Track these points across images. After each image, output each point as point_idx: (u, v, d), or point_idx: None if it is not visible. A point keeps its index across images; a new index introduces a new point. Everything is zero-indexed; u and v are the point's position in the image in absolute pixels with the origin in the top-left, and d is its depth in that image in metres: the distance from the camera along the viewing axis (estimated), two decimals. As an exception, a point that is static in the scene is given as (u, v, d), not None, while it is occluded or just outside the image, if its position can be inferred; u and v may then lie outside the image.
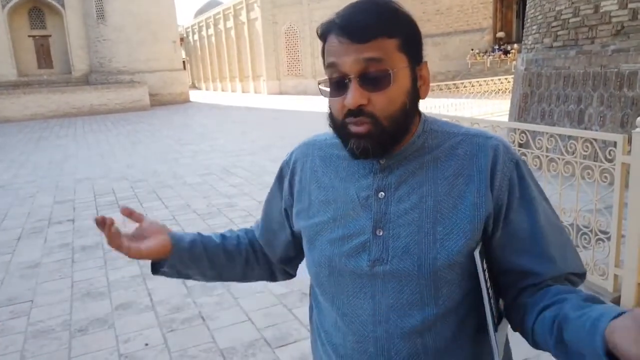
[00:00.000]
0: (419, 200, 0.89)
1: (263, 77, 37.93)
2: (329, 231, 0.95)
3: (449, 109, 12.45)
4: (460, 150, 0.91)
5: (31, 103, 24.70)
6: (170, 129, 17.21)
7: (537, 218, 0.90)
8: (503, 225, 0.89)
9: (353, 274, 0.92)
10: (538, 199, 0.91)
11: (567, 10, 7.11)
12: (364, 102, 0.84)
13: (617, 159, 3.14)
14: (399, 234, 0.88)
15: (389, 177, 0.91)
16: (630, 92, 6.00)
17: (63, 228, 5.98)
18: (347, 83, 0.84)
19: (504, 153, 0.90)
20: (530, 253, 0.89)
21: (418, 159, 0.91)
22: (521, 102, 8.25)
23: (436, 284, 0.88)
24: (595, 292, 3.42)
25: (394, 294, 0.89)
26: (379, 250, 0.89)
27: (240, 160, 10.07)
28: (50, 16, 29.71)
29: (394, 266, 0.88)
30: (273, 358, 2.94)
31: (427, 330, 0.89)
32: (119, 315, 3.61)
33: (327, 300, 0.98)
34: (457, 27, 30.02)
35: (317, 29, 0.91)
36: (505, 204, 0.89)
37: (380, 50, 0.83)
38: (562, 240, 0.92)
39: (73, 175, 9.50)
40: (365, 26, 0.83)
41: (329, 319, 0.99)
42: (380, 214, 0.90)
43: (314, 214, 0.98)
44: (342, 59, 0.84)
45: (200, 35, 52.61)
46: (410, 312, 0.89)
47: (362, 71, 0.83)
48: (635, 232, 3.09)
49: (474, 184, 0.88)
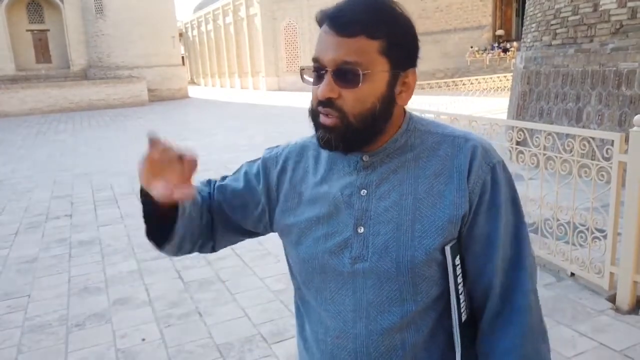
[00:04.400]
0: (399, 198, 0.90)
1: (262, 73, 37.87)
2: (314, 229, 0.95)
3: (448, 106, 12.46)
4: (441, 151, 0.92)
5: (29, 98, 24.64)
6: (169, 124, 17.19)
7: (498, 226, 0.90)
8: (469, 225, 0.91)
9: (335, 271, 0.92)
10: (505, 207, 0.91)
11: (566, 9, 7.11)
12: (334, 95, 0.85)
13: (614, 157, 3.15)
14: (379, 232, 0.90)
15: (371, 175, 0.92)
16: (629, 91, 6.00)
17: (61, 223, 5.97)
18: (323, 74, 0.86)
19: (481, 155, 0.90)
20: (482, 257, 0.92)
21: (400, 157, 0.92)
22: (520, 100, 8.25)
23: (414, 281, 0.89)
24: (591, 289, 3.44)
25: (373, 290, 0.90)
26: (360, 247, 0.90)
27: (238, 156, 10.06)
28: (48, 10, 29.58)
29: (373, 263, 0.89)
30: (269, 354, 2.95)
31: (406, 327, 0.91)
32: (116, 311, 3.61)
33: (311, 297, 0.98)
34: (457, 24, 30.00)
35: (315, 15, 0.91)
36: (475, 205, 0.90)
37: (358, 50, 0.83)
38: (513, 253, 0.92)
39: (71, 170, 9.49)
40: (350, 21, 0.83)
41: (313, 315, 1.00)
42: (362, 212, 0.91)
43: (302, 213, 0.98)
44: (324, 50, 0.86)
45: (199, 30, 52.47)
46: (390, 309, 0.90)
47: (338, 65, 0.84)
48: (631, 230, 3.10)
49: (453, 184, 0.89)
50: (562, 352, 2.76)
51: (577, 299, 3.35)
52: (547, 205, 3.71)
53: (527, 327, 0.91)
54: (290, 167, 1.02)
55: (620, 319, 3.08)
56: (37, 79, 28.11)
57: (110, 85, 26.59)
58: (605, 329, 2.98)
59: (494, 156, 0.92)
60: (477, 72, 25.13)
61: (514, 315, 0.91)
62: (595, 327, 3.00)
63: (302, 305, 1.04)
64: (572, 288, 3.50)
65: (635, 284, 3.16)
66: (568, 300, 3.33)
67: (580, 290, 3.46)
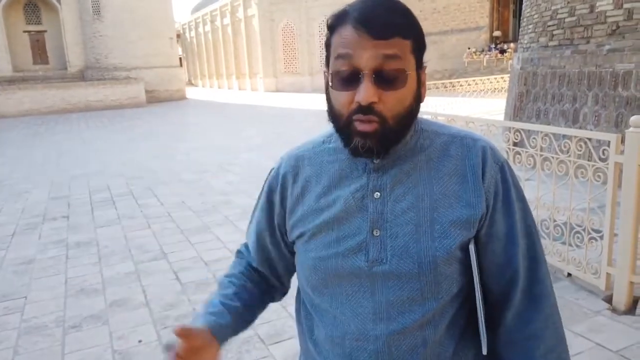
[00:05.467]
0: (415, 200, 0.90)
1: (260, 75, 37.86)
2: (324, 235, 0.94)
3: (445, 107, 12.48)
4: (452, 151, 0.93)
5: (26, 99, 24.60)
6: (166, 125, 17.18)
7: (514, 221, 0.94)
8: (488, 224, 0.92)
9: (351, 274, 0.92)
10: (517, 203, 0.94)
11: (562, 10, 7.13)
12: (376, 99, 0.82)
13: (611, 158, 3.16)
14: (397, 234, 0.89)
15: (383, 177, 0.92)
16: (625, 92, 6.02)
17: (57, 224, 5.96)
18: (360, 78, 0.83)
19: (491, 155, 0.93)
20: (503, 254, 0.94)
21: (411, 158, 0.92)
22: (517, 101, 8.27)
23: (437, 279, 0.90)
24: (588, 290, 3.45)
25: (394, 291, 0.90)
26: (377, 250, 0.90)
27: (236, 157, 10.06)
28: (45, 11, 29.54)
29: (393, 266, 0.89)
30: (267, 354, 2.95)
31: (427, 324, 0.91)
32: (113, 312, 3.61)
33: (325, 302, 0.97)
34: (454, 25, 30.06)
35: (327, 19, 0.89)
36: (491, 204, 0.92)
37: (398, 50, 0.83)
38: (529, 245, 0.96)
39: (68, 171, 9.47)
40: (386, 23, 0.82)
41: (326, 319, 0.98)
42: (377, 214, 0.91)
43: (311, 220, 0.97)
44: (359, 52, 0.82)
45: (197, 32, 52.43)
46: (411, 308, 0.90)
47: (378, 68, 0.82)
48: (627, 231, 3.11)
49: (468, 184, 0.90)
50: (559, 352, 2.77)
51: (573, 299, 3.36)
52: (544, 205, 3.72)
53: (550, 310, 0.96)
54: (290, 181, 1.01)
55: (616, 320, 3.09)
56: (35, 80, 28.06)
57: (108, 86, 26.56)
58: (602, 330, 2.98)
59: (500, 155, 0.95)
60: (474, 73, 25.18)
61: (538, 302, 0.95)
62: (592, 328, 3.01)
63: (312, 310, 1.02)
64: (568, 288, 3.51)
65: (631, 284, 3.16)
66: (565, 300, 3.34)
67: (577, 291, 3.47)
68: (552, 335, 0.95)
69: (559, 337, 0.97)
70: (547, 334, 0.95)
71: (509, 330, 0.96)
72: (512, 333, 0.96)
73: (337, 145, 0.96)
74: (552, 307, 0.96)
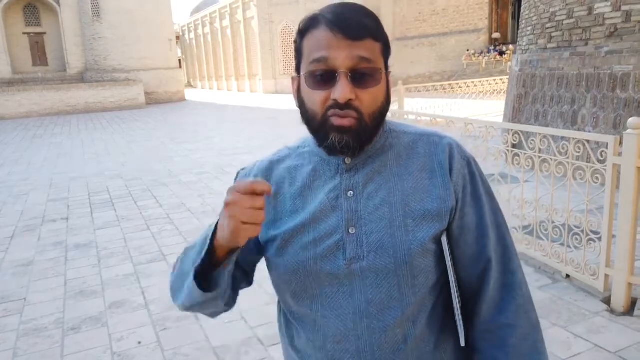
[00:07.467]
0: (387, 195, 0.93)
1: (259, 76, 37.89)
2: (300, 237, 0.94)
3: (444, 109, 12.49)
4: (419, 149, 0.97)
5: (26, 101, 24.60)
6: (166, 127, 17.18)
7: (483, 213, 0.97)
8: (458, 217, 0.95)
9: (330, 275, 0.92)
10: (485, 197, 0.98)
11: (561, 12, 7.15)
12: (353, 97, 0.86)
13: (609, 160, 3.17)
14: (372, 230, 0.91)
15: (355, 177, 0.94)
16: (623, 94, 6.04)
17: (57, 226, 5.96)
18: (336, 77, 0.86)
19: (458, 151, 0.97)
20: (475, 245, 0.97)
21: (381, 157, 0.95)
22: (515, 103, 8.29)
23: (413, 273, 0.91)
24: (586, 291, 3.45)
25: (372, 289, 0.91)
26: (354, 247, 0.91)
27: (235, 159, 10.06)
28: (45, 13, 29.55)
29: (370, 261, 0.91)
30: (266, 356, 2.95)
31: (407, 320, 0.93)
32: (112, 314, 3.61)
33: (305, 307, 0.97)
34: (453, 27, 30.07)
35: (300, 23, 0.91)
36: (460, 198, 0.95)
37: (370, 50, 0.87)
38: (499, 235, 0.99)
39: (67, 173, 9.47)
40: (360, 25, 0.86)
41: (307, 325, 0.98)
42: (351, 212, 0.93)
43: (284, 224, 0.96)
44: (335, 53, 0.85)
45: (196, 33, 52.48)
46: (390, 304, 0.91)
47: (354, 67, 0.85)
48: (625, 232, 3.12)
49: (437, 178, 0.94)
50: (557, 353, 2.77)
51: (572, 300, 3.37)
52: (543, 207, 3.73)
53: (522, 300, 0.98)
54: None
55: (615, 321, 3.09)
56: (34, 82, 28.06)
57: (107, 88, 26.57)
58: (601, 331, 2.99)
59: (466, 151, 0.99)
60: (473, 75, 25.18)
61: (510, 292, 0.98)
62: (591, 329, 3.01)
63: (292, 317, 1.02)
64: (567, 290, 3.52)
65: (630, 285, 3.17)
66: (563, 302, 3.35)
67: (576, 292, 3.47)
68: (525, 323, 0.97)
69: (532, 324, 0.99)
70: (520, 323, 0.97)
71: (483, 321, 0.98)
72: (487, 323, 0.98)
73: (312, 149, 0.99)
74: (525, 297, 0.99)
